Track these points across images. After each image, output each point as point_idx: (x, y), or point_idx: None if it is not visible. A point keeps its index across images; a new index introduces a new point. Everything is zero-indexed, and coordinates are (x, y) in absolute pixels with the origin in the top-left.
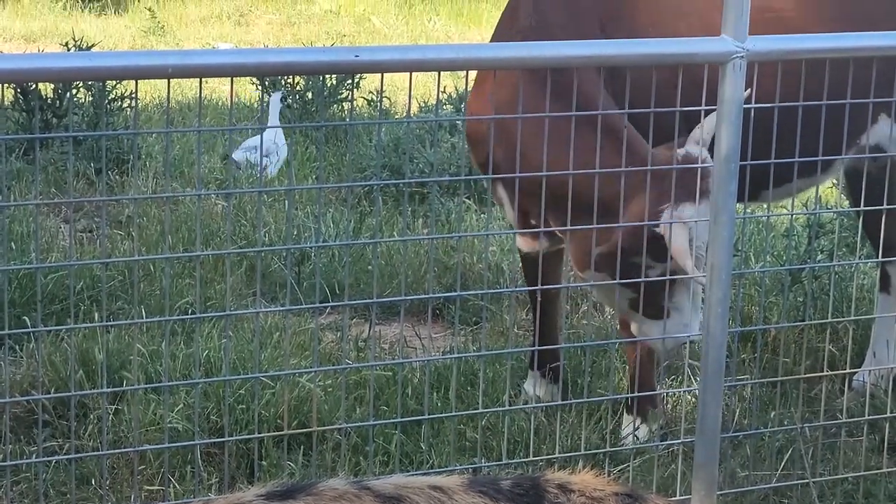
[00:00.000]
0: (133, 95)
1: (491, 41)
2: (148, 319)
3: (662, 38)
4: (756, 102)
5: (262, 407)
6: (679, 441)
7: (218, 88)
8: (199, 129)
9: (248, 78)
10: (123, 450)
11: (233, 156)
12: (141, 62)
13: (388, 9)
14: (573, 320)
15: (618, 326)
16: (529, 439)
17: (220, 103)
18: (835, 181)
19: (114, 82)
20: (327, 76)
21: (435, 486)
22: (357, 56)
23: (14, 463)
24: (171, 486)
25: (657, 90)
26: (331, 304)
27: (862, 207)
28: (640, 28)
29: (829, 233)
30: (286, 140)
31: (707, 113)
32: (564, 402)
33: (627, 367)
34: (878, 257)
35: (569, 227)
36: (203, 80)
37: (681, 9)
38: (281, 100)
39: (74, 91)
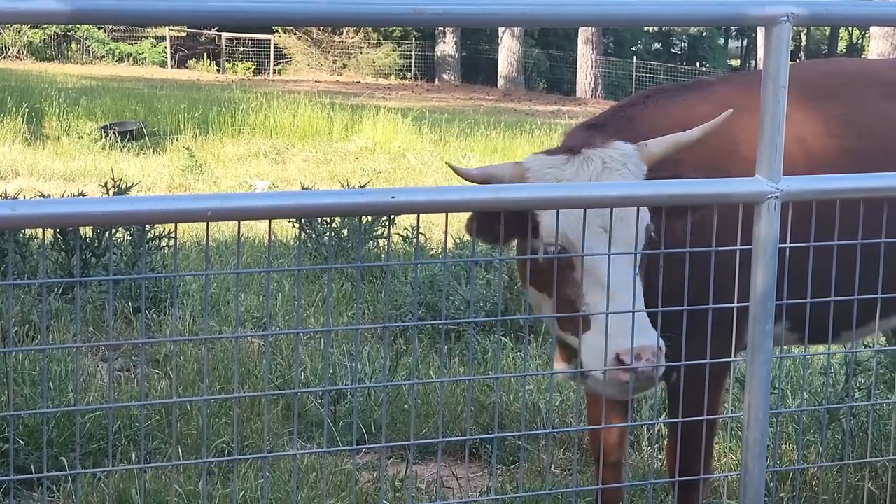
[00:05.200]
0: (172, 235)
1: None
2: (185, 461)
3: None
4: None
5: None
6: None
7: (255, 226)
8: (237, 272)
9: None
10: None
11: None
12: (180, 206)
13: (423, 145)
14: None
15: (658, 466)
16: None
17: (256, 240)
18: None
19: None
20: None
21: None
22: (394, 197)
23: None
24: None
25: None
26: (367, 445)
27: None
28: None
29: (866, 370)
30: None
31: (742, 253)
32: None
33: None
34: None
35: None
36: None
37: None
38: None
39: (113, 231)
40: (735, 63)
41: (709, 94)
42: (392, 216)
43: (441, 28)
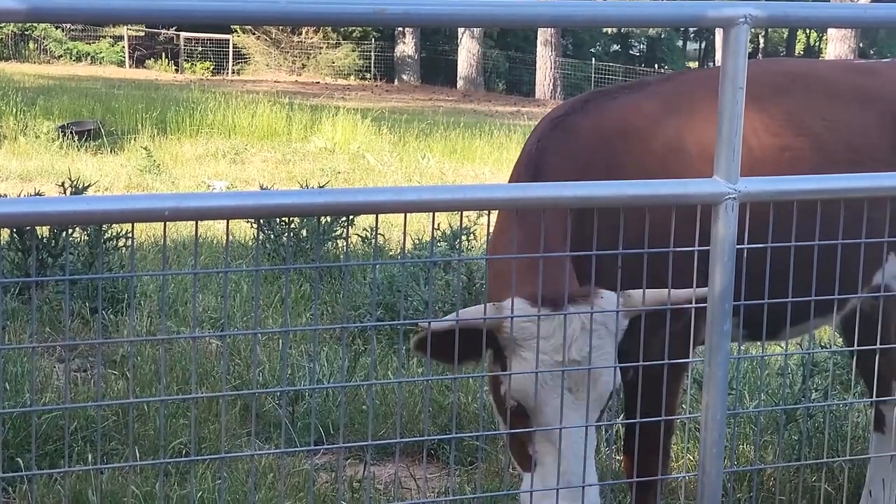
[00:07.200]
0: (129, 235)
1: None
2: (142, 462)
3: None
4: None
5: None
6: None
7: (213, 226)
8: (195, 272)
9: None
10: None
11: None
12: (138, 205)
13: (383, 146)
14: None
15: (616, 467)
16: None
17: (214, 241)
18: None
19: None
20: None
21: None
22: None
23: None
24: None
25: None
26: (325, 446)
27: (856, 347)
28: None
29: (823, 371)
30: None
31: (700, 254)
32: None
33: None
34: (871, 396)
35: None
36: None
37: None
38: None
39: (70, 231)
40: (693, 64)
41: (649, 94)
42: (351, 217)
43: (401, 28)
